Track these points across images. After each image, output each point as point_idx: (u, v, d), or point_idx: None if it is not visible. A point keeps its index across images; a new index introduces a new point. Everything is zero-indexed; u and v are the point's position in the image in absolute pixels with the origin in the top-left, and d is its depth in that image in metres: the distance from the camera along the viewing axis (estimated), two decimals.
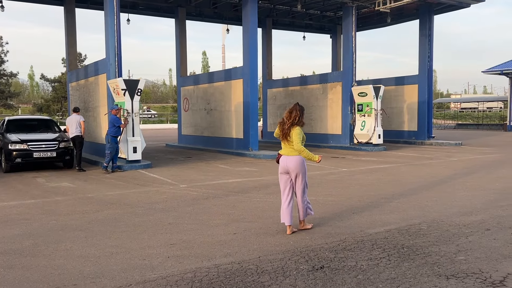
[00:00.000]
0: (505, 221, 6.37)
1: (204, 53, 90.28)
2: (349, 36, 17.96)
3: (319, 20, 24.36)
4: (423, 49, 20.59)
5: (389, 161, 14.04)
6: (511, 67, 30.46)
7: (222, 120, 17.59)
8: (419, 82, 20.88)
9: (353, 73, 18.01)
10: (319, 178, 10.67)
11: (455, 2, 18.78)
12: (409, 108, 21.51)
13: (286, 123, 5.81)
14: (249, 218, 6.74)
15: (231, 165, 13.27)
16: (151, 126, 45.35)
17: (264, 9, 21.89)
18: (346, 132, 18.41)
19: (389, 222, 6.42)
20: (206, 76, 18.96)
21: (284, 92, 22.28)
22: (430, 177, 10.61)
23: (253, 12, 15.39)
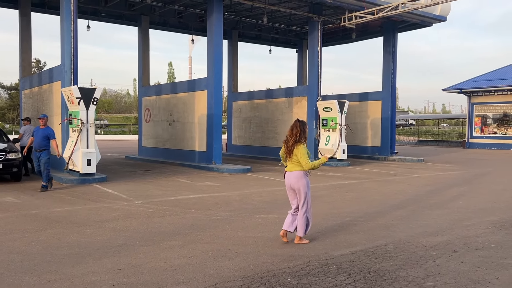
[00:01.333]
0: (471, 242, 6.20)
1: (170, 64, 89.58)
2: (314, 51, 17.92)
3: (285, 34, 24.36)
4: (387, 66, 20.86)
5: (353, 177, 13.91)
6: (469, 86, 31.49)
7: (185, 132, 17.05)
8: (382, 99, 21.09)
9: (318, 87, 17.94)
10: (283, 194, 10.32)
11: (417, 20, 19.15)
12: (373, 124, 21.67)
13: (290, 141, 5.95)
14: (207, 238, 6.28)
15: (192, 180, 12.75)
16: (112, 137, 44.01)
17: (230, 21, 21.66)
18: (310, 147, 18.22)
19: (354, 243, 6.12)
20: (169, 87, 18.42)
21: (250, 105, 21.99)
22: (394, 194, 10.48)
23: (218, 23, 15.07)
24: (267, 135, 20.82)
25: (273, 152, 20.20)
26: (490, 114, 31.55)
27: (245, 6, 19.31)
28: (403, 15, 18.16)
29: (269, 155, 20.22)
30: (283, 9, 17.94)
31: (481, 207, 8.80)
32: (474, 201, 9.51)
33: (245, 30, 23.33)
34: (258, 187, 11.38)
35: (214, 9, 15.04)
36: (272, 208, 8.57)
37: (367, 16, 16.51)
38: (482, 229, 6.95)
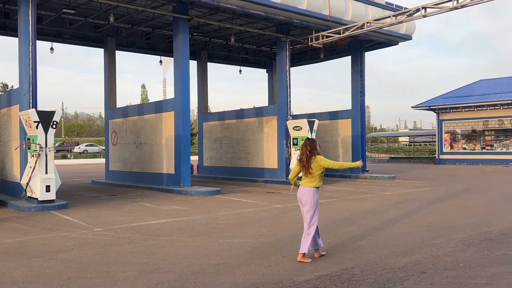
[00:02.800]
0: (440, 261, 6.01)
1: (143, 86, 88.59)
2: (283, 70, 17.91)
3: (255, 54, 24.42)
4: (356, 84, 21.05)
5: (324, 196, 13.71)
6: (437, 103, 32.17)
7: (152, 154, 16.61)
8: (352, 117, 21.20)
9: (288, 106, 17.87)
10: (251, 216, 10.00)
11: (384, 39, 19.46)
12: (344, 142, 21.71)
13: (303, 159, 6.23)
14: (166, 267, 5.89)
15: (158, 204, 12.29)
16: (82, 161, 42.89)
17: (199, 41, 21.56)
18: (282, 166, 18.06)
19: (320, 266, 5.84)
20: (135, 108, 18.01)
21: (220, 126, 21.74)
22: (364, 213, 10.30)
23: (184, 43, 14.88)
24: (239, 155, 20.55)
25: (245, 173, 19.92)
26: (458, 130, 32.21)
27: (213, 27, 19.27)
28: (369, 34, 18.43)
29: (241, 176, 19.91)
30: (251, 30, 17.94)
31: (451, 224, 8.70)
32: (443, 218, 9.41)
33: (215, 50, 23.26)
34: (226, 210, 11.03)
35: (180, 29, 14.87)
36: (238, 232, 8.23)
37: (334, 36, 16.65)
38: (451, 247, 6.80)
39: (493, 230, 8.04)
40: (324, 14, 16.46)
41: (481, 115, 30.60)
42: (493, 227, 8.28)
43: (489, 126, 30.48)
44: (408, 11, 14.34)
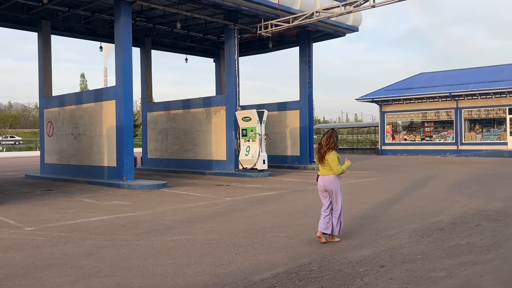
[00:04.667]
0: (397, 254, 5.86)
1: (82, 76, 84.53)
2: (231, 59, 17.42)
3: (202, 43, 23.71)
4: (304, 75, 20.98)
5: (274, 188, 13.47)
6: (380, 95, 33.03)
7: (92, 146, 15.57)
8: (300, 108, 21.14)
9: (236, 96, 17.43)
10: (200, 210, 9.51)
11: (331, 30, 19.47)
12: (292, 133, 21.64)
13: (323, 148, 6.50)
14: (106, 270, 5.30)
15: (99, 199, 11.46)
16: (16, 154, 40.09)
17: (142, 27, 20.53)
18: (231, 158, 17.64)
19: (276, 263, 5.50)
20: (73, 97, 16.79)
21: (166, 116, 20.90)
22: (315, 205, 10.11)
23: (126, 28, 13.97)
24: (186, 147, 19.86)
25: (192, 165, 19.30)
26: (400, 122, 33.30)
27: (157, 12, 18.37)
28: (318, 25, 18.33)
29: (188, 168, 19.27)
30: (197, 15, 17.24)
31: (402, 215, 8.69)
32: (394, 208, 9.42)
33: (159, 37, 22.28)
34: (173, 204, 10.45)
35: (121, 13, 13.93)
36: (186, 228, 7.72)
37: (283, 25, 16.37)
38: (406, 239, 6.71)
39: (443, 219, 8.10)
40: (273, 2, 16.11)
41: (421, 107, 31.78)
42: (443, 217, 8.35)
43: (428, 118, 31.74)
44: (357, 1, 14.32)
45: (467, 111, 29.81)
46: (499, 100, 28.28)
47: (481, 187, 12.64)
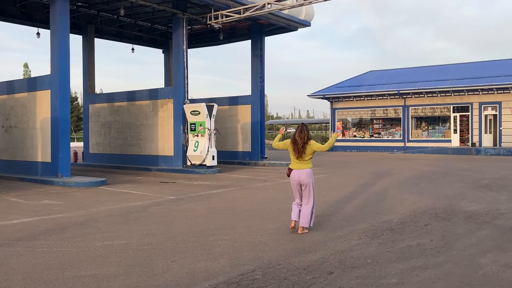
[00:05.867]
0: (346, 258, 5.48)
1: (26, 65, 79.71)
2: (180, 50, 16.63)
3: (150, 32, 22.65)
4: (255, 69, 20.52)
5: (222, 185, 12.92)
6: (331, 92, 33.25)
7: (24, 139, 14.31)
8: (252, 103, 20.69)
9: (185, 89, 16.68)
10: (139, 211, 8.79)
11: (284, 24, 19.11)
12: (243, 129, 21.15)
13: (299, 144, 6.65)
14: (17, 284, 4.54)
15: (28, 198, 10.42)
16: None
17: (84, 14, 19.25)
18: (178, 153, 16.88)
19: (216, 271, 4.95)
20: (4, 86, 15.36)
21: (109, 108, 19.76)
22: (264, 203, 9.67)
23: (63, 12, 12.88)
24: (130, 141, 18.86)
25: (137, 161, 18.35)
26: (349, 118, 33.68)
27: None
28: (270, 18, 17.90)
29: (133, 164, 18.31)
30: (144, 3, 16.28)
31: (351, 213, 8.40)
32: (343, 206, 9.13)
33: (104, 25, 21.04)
34: (110, 204, 9.64)
35: None
36: (121, 231, 7.01)
37: (234, 15, 15.79)
38: (356, 240, 6.37)
39: (392, 218, 7.87)
40: None
41: (370, 104, 32.27)
42: (392, 215, 8.13)
43: (377, 115, 32.29)
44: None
45: (414, 109, 30.57)
46: (444, 98, 29.19)
47: (428, 184, 12.70)
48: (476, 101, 27.78)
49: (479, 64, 30.71)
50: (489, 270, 4.98)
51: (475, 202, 9.37)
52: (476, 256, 5.54)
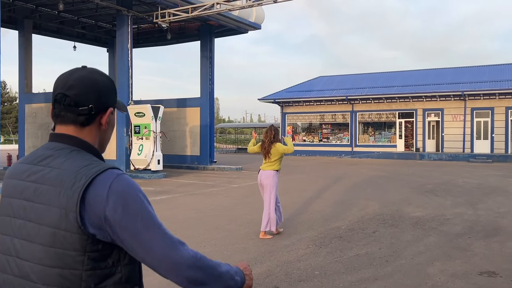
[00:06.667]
0: (293, 270, 5.17)
1: None
2: (124, 48, 15.86)
3: (94, 30, 21.60)
4: (205, 71, 20.03)
5: (167, 191, 12.32)
6: (282, 97, 33.30)
7: None
8: (201, 105, 20.16)
9: (129, 89, 15.92)
10: None
11: (234, 26, 18.79)
12: (192, 132, 20.57)
13: (266, 142, 6.78)
14: None
15: None
16: None
17: (21, 8, 18.02)
18: (121, 157, 16.05)
19: None
20: None
21: (48, 109, 18.42)
22: (210, 210, 9.23)
23: None
24: None
25: None
26: (299, 123, 33.87)
27: None
28: (219, 19, 17.52)
29: None
30: None
31: (300, 220, 8.14)
32: (292, 213, 8.85)
33: (43, 21, 19.79)
34: None
35: None
36: None
37: (181, 14, 15.25)
38: (303, 249, 6.08)
39: (341, 225, 7.68)
40: None
41: (319, 109, 32.62)
42: (340, 222, 7.94)
43: (326, 120, 32.68)
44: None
45: (362, 114, 31.21)
46: (390, 105, 30.00)
47: (376, 189, 12.76)
48: (420, 107, 28.76)
49: (423, 72, 31.87)
50: (438, 280, 4.84)
51: (421, 208, 9.42)
52: (424, 265, 5.40)
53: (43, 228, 1.18)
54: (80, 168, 1.20)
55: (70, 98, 1.26)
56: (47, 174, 1.22)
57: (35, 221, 1.19)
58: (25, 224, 1.21)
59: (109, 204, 1.16)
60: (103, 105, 1.31)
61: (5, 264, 1.25)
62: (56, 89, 1.29)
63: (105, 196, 1.16)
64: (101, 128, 1.33)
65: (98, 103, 1.29)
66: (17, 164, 1.32)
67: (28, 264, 1.20)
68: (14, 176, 1.29)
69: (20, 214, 1.23)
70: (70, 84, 1.27)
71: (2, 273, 1.26)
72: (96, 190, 1.17)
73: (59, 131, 1.31)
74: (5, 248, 1.25)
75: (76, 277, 1.17)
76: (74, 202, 1.15)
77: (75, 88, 1.26)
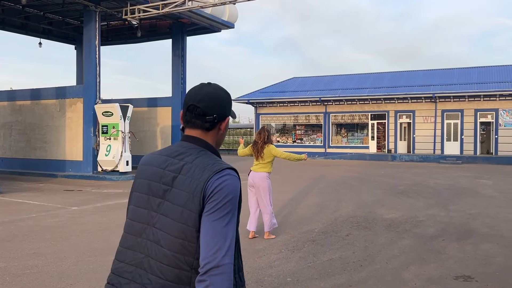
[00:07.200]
0: (265, 276, 4.91)
1: None
2: (92, 45, 15.28)
3: (61, 26, 20.80)
4: (177, 70, 19.59)
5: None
6: (255, 97, 33.08)
7: None
8: (173, 105, 19.69)
9: (97, 88, 15.33)
10: (31, 225, 7.58)
11: (207, 24, 18.42)
12: (163, 132, 20.07)
13: (259, 143, 6.75)
14: None
15: None
16: None
17: None
18: (88, 158, 15.45)
19: None
20: None
21: (10, 108, 17.71)
22: None
23: None
24: (34, 144, 17.00)
25: (41, 166, 16.57)
26: (273, 124, 33.72)
27: None
28: (192, 16, 17.12)
29: (37, 169, 16.50)
30: None
31: None
32: None
33: (6, 15, 18.90)
34: None
35: None
36: (1, 251, 5.86)
37: (152, 11, 14.80)
38: (275, 254, 5.83)
39: (314, 228, 7.48)
40: None
41: (293, 110, 32.56)
42: (314, 225, 7.75)
43: (299, 121, 32.65)
44: None
45: (335, 115, 31.32)
46: (362, 106, 30.20)
47: (349, 190, 12.65)
48: (392, 109, 29.05)
49: (395, 74, 32.23)
50: (413, 286, 4.67)
51: (394, 209, 9.33)
52: (399, 269, 5.23)
53: (176, 207, 1.53)
54: (207, 165, 1.56)
55: (200, 109, 1.62)
56: (182, 166, 1.58)
57: (171, 201, 1.55)
58: (163, 202, 1.56)
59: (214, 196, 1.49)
60: (223, 115, 1.66)
61: (141, 231, 1.59)
62: (188, 101, 1.64)
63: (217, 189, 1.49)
64: (219, 132, 1.69)
65: (220, 113, 1.65)
66: (154, 155, 1.68)
67: (161, 232, 1.54)
68: (154, 164, 1.64)
69: (159, 194, 1.58)
70: (200, 97, 1.62)
71: (136, 237, 1.60)
72: (213, 183, 1.50)
73: (188, 133, 1.67)
74: (141, 217, 1.60)
75: (192, 248, 1.48)
76: (199, 190, 1.50)
77: (204, 101, 1.62)
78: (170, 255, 1.51)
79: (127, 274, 1.59)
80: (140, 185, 1.65)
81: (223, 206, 1.48)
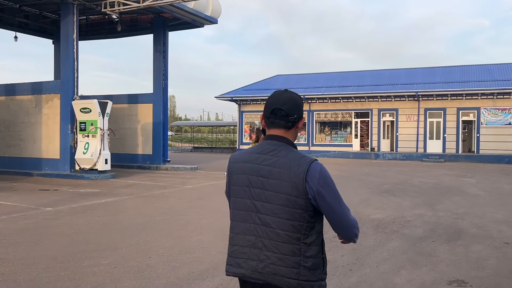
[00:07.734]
0: None
1: None
2: (69, 40, 14.73)
3: (38, 19, 20.12)
4: (158, 66, 19.12)
5: (114, 193, 11.44)
6: (239, 95, 32.74)
7: None
8: (154, 101, 19.23)
9: (74, 83, 14.80)
10: (1, 227, 7.13)
11: (189, 19, 17.99)
12: (144, 129, 19.59)
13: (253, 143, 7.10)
14: None
15: None
16: None
17: None
18: (65, 156, 14.92)
19: None
20: None
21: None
22: (160, 214, 8.51)
23: None
24: (8, 142, 16.36)
25: (16, 164, 15.96)
26: (257, 122, 33.42)
27: None
28: (174, 11, 16.68)
29: (11, 168, 15.89)
30: None
31: None
32: None
33: None
34: None
35: None
36: None
37: (132, 4, 14.34)
38: None
39: None
40: None
41: None
42: None
43: None
44: None
45: (318, 113, 31.19)
46: (346, 104, 30.13)
47: None
48: (375, 107, 29.05)
49: (378, 72, 32.25)
50: None
51: (381, 209, 9.14)
52: (390, 274, 5.00)
53: (280, 195, 1.92)
54: (300, 158, 1.95)
55: (284, 111, 2.01)
56: (277, 161, 1.95)
57: (272, 190, 1.93)
58: (263, 192, 1.95)
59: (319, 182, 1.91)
60: (301, 115, 2.04)
61: (247, 217, 1.99)
62: (272, 104, 2.03)
63: (317, 177, 1.92)
64: (296, 130, 2.06)
65: (299, 114, 2.03)
66: (246, 154, 2.07)
67: (268, 217, 1.94)
68: (249, 161, 2.02)
69: (258, 185, 1.96)
70: (283, 101, 2.02)
71: (243, 223, 1.99)
72: (312, 173, 1.92)
73: (273, 133, 2.05)
74: (246, 206, 2.00)
75: (300, 226, 1.91)
76: (301, 179, 1.90)
77: (287, 104, 2.01)
78: (282, 234, 1.90)
79: (242, 254, 1.97)
80: (239, 179, 2.02)
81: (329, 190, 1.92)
